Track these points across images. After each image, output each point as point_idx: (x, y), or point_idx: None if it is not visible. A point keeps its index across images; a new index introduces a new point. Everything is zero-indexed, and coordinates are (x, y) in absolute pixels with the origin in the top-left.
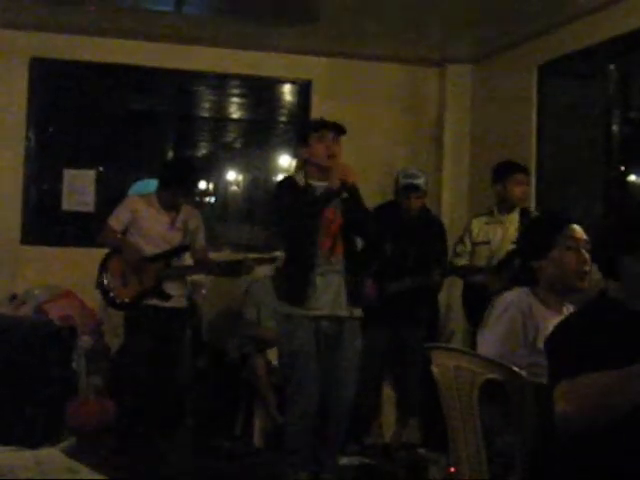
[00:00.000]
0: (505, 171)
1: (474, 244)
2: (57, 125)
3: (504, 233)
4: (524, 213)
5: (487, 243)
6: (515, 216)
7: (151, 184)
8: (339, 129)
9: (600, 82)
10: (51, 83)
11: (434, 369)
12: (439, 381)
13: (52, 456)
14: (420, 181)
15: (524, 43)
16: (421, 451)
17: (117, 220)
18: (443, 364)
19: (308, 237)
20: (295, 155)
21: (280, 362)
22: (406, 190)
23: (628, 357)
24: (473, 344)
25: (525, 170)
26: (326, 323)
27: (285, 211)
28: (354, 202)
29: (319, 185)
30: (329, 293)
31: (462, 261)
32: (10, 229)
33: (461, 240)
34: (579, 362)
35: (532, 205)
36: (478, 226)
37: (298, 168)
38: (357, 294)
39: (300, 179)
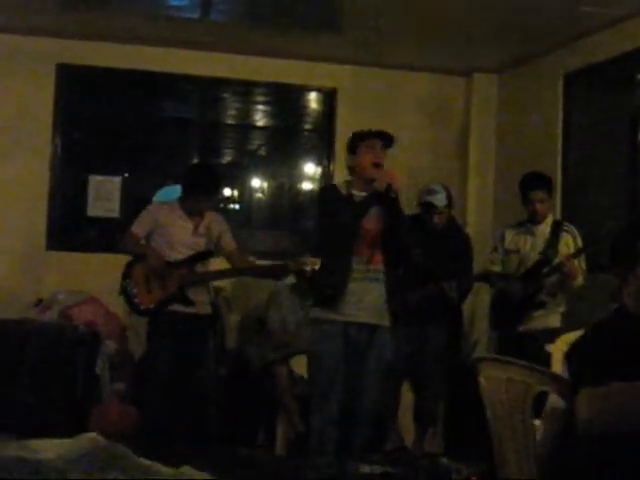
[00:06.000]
0: (524, 187)
1: (506, 252)
2: (83, 131)
3: (533, 243)
4: (556, 225)
5: (517, 252)
6: (545, 228)
7: (176, 190)
8: (387, 139)
9: (627, 91)
10: (77, 90)
11: (482, 381)
12: (486, 393)
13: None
14: (437, 198)
15: (550, 52)
16: (443, 460)
17: (139, 227)
18: (493, 376)
19: (345, 243)
20: (345, 164)
21: (309, 367)
22: (424, 208)
23: None
24: (498, 352)
25: (543, 185)
26: (356, 330)
27: (327, 220)
28: (395, 208)
29: (361, 195)
30: (365, 301)
31: (496, 268)
32: (35, 234)
33: (495, 248)
34: (599, 373)
35: (557, 214)
36: (510, 235)
37: (345, 178)
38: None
39: (343, 188)
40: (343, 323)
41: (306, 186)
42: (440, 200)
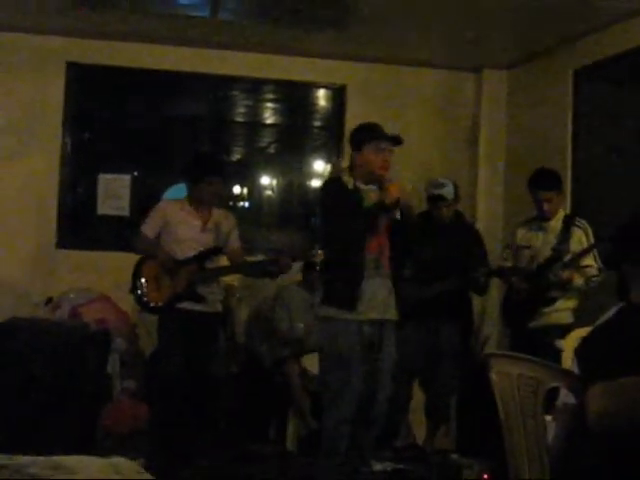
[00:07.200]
0: (532, 186)
1: (517, 248)
2: (93, 130)
3: (544, 239)
4: (568, 220)
5: (528, 248)
6: (556, 223)
7: (185, 189)
8: (397, 142)
9: (637, 86)
10: (87, 88)
11: (493, 377)
12: (498, 389)
13: (126, 463)
14: (446, 190)
15: (560, 48)
16: (454, 456)
17: (149, 227)
18: (505, 372)
19: (356, 241)
20: (348, 158)
21: (321, 366)
22: (433, 201)
23: None
24: (510, 349)
25: (551, 185)
26: (369, 327)
27: (335, 213)
28: (405, 223)
29: (367, 188)
30: (376, 297)
31: (508, 264)
32: (46, 233)
33: (508, 245)
34: (608, 368)
35: (567, 210)
36: (522, 232)
37: (345, 170)
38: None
39: (348, 181)
40: (358, 321)
41: (316, 183)
42: (448, 192)
